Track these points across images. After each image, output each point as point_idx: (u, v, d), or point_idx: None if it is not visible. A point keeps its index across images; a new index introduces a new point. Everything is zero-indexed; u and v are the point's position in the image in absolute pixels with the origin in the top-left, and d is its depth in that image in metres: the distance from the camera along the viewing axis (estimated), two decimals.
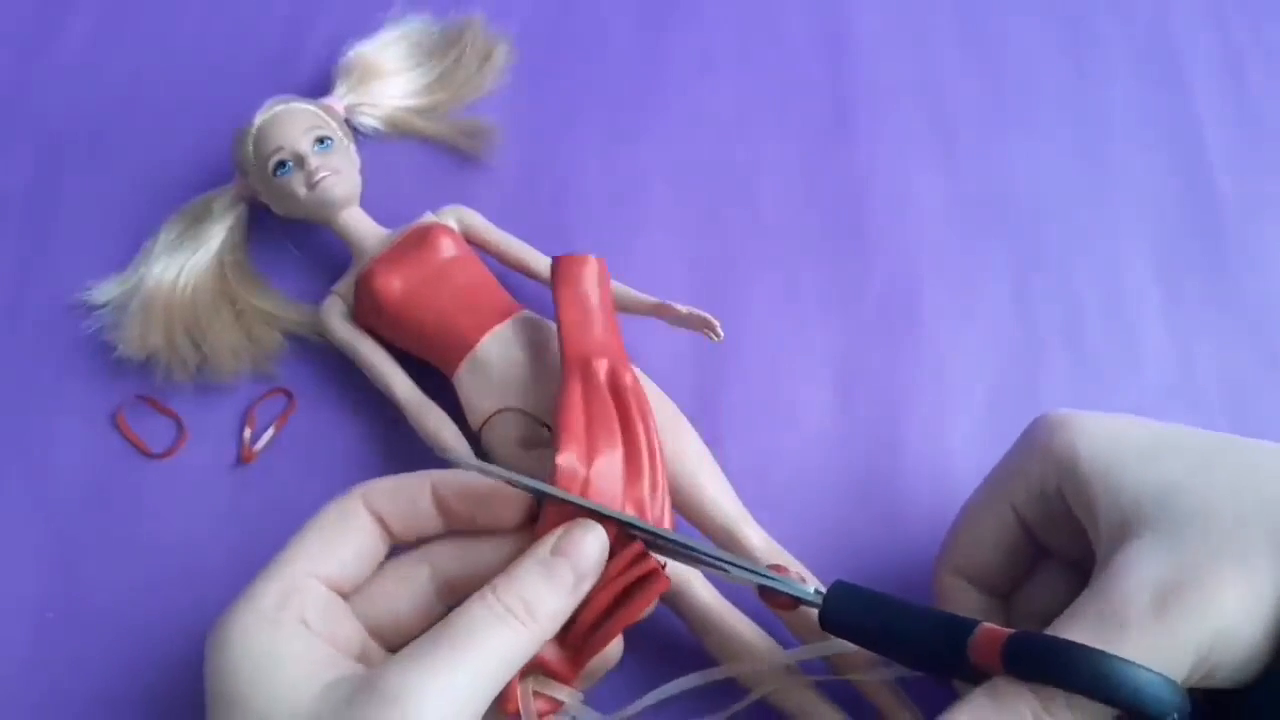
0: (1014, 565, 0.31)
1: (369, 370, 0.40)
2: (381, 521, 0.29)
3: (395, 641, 0.29)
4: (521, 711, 0.28)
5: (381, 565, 0.29)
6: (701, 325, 0.38)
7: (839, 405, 0.41)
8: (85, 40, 0.50)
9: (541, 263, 0.41)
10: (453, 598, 0.29)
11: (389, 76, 0.46)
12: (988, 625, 0.27)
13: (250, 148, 0.41)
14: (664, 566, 0.29)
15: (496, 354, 0.38)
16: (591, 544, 0.27)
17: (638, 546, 0.29)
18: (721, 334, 0.38)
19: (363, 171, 0.43)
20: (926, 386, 0.41)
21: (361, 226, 0.41)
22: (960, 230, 0.45)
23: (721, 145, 0.47)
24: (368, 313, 0.40)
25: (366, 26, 0.48)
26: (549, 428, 0.36)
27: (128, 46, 0.50)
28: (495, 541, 0.29)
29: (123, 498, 0.39)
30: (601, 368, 0.35)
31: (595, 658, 0.29)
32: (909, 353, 0.42)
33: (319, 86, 0.46)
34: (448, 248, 0.40)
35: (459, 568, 0.29)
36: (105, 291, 0.42)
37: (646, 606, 0.29)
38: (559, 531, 0.28)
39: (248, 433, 0.40)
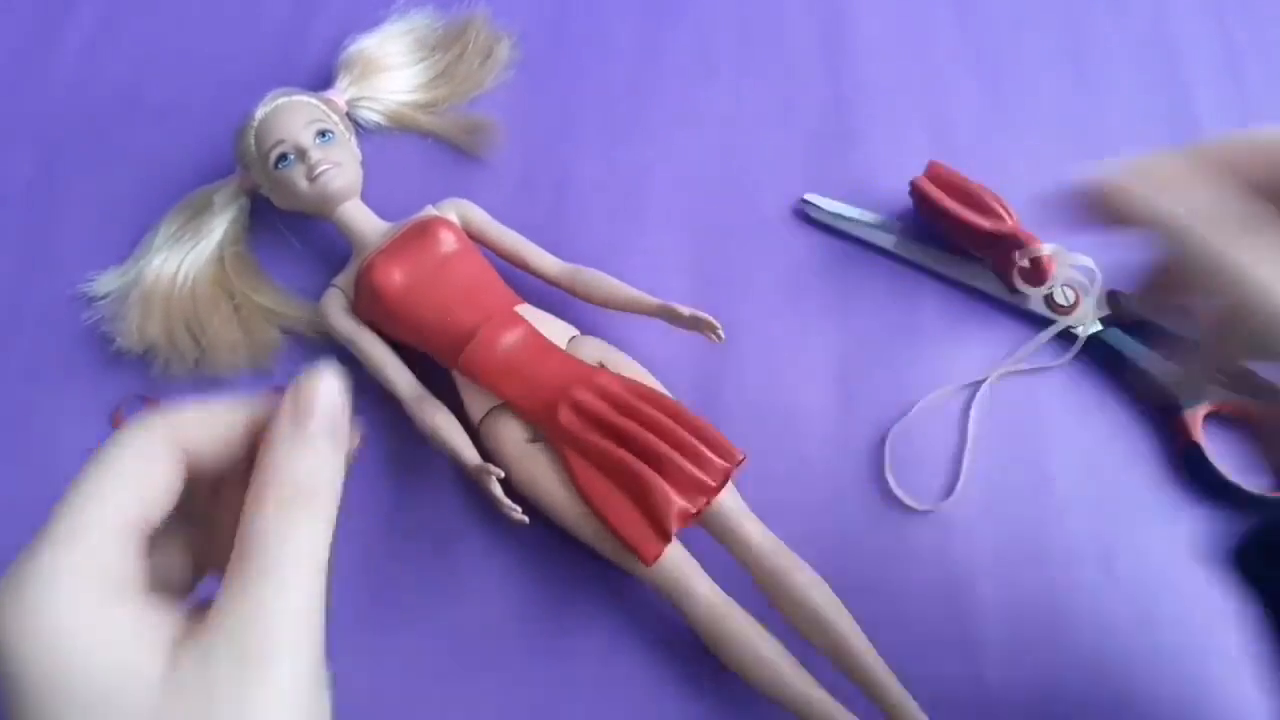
0: None
1: (369, 363, 0.40)
2: (187, 458, 0.23)
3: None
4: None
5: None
6: (703, 327, 0.38)
7: (839, 405, 0.41)
8: (86, 39, 0.50)
9: (541, 258, 0.41)
10: (194, 475, 0.24)
11: (391, 71, 0.47)
12: None
13: (251, 140, 0.41)
14: None
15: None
16: (325, 387, 0.23)
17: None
18: (723, 335, 0.38)
19: (364, 165, 0.43)
20: (926, 388, 0.41)
21: (362, 220, 0.41)
22: None
23: (721, 145, 0.47)
24: (368, 306, 0.40)
25: (368, 23, 0.48)
26: None
27: (128, 45, 0.50)
28: (235, 403, 0.24)
29: None
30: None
31: None
32: (909, 354, 0.42)
33: (320, 82, 0.46)
34: (448, 241, 0.40)
35: (206, 438, 0.24)
36: (105, 283, 0.42)
37: None
38: (288, 395, 0.23)
39: None
